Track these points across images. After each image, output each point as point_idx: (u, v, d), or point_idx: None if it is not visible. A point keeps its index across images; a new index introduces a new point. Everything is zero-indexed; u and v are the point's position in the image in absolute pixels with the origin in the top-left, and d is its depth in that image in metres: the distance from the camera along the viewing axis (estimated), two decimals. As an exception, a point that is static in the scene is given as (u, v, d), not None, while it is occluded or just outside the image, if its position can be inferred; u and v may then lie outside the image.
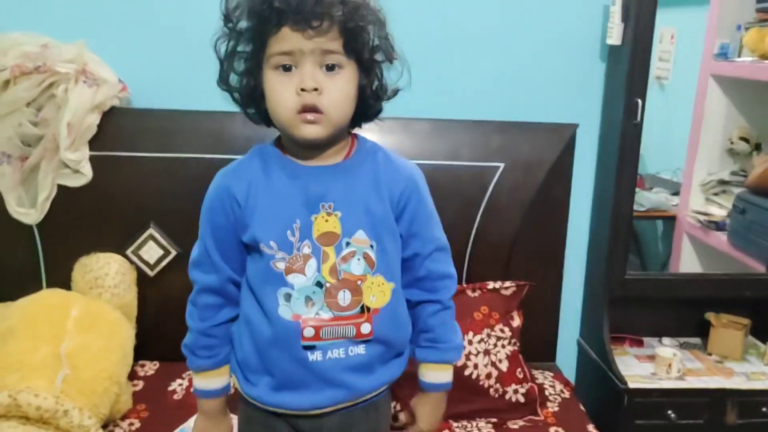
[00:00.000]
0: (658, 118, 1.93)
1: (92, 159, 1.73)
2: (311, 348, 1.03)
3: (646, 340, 2.05)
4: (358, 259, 1.03)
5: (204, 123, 1.77)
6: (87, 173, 1.73)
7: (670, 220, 2.22)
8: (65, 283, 1.72)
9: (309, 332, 1.02)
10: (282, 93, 0.97)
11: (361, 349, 1.05)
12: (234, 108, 1.69)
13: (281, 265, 1.02)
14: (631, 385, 1.77)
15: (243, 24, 0.98)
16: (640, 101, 1.75)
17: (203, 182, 1.09)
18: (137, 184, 1.77)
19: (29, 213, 1.73)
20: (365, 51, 0.99)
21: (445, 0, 1.82)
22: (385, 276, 1.05)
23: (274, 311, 1.02)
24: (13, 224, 1.73)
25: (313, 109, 0.96)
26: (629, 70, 1.75)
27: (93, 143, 1.73)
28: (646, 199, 2.20)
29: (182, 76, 1.80)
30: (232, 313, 1.11)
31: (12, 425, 1.23)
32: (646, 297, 1.97)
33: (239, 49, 1.00)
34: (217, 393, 1.14)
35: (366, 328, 1.04)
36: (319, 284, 1.02)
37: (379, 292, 1.05)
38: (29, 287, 1.70)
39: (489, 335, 1.69)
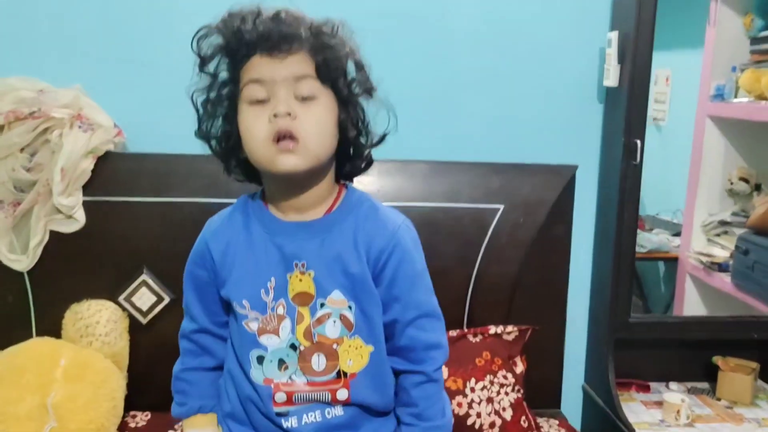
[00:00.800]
0: (656, 159, 1.92)
1: (85, 204, 1.70)
2: (285, 414, 0.99)
3: (653, 384, 1.99)
4: (334, 321, 0.98)
5: (199, 166, 1.75)
6: (80, 219, 1.70)
7: (672, 262, 2.20)
8: (56, 330, 1.68)
9: (281, 397, 0.98)
10: (255, 124, 0.93)
11: (338, 411, 1.00)
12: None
13: (254, 326, 0.99)
14: (640, 433, 1.72)
15: (214, 67, 0.97)
16: (639, 142, 1.75)
17: (198, 226, 1.09)
18: (131, 229, 1.74)
19: (20, 259, 1.69)
20: (340, 79, 0.96)
21: (442, 41, 1.82)
22: (364, 338, 1.00)
23: (248, 373, 0.99)
24: (3, 270, 1.69)
25: (287, 134, 0.91)
26: (627, 110, 1.75)
27: (87, 188, 1.70)
28: (647, 240, 2.18)
29: (177, 119, 1.75)
30: (208, 363, 1.09)
31: (-7, 482, 1.18)
32: (651, 340, 1.92)
33: (213, 95, 0.98)
34: None
35: (342, 394, 0.99)
36: (293, 347, 0.98)
37: (357, 356, 1.00)
38: (19, 334, 1.67)
39: (492, 382, 1.64)
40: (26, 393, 1.39)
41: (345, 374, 0.99)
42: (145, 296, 1.75)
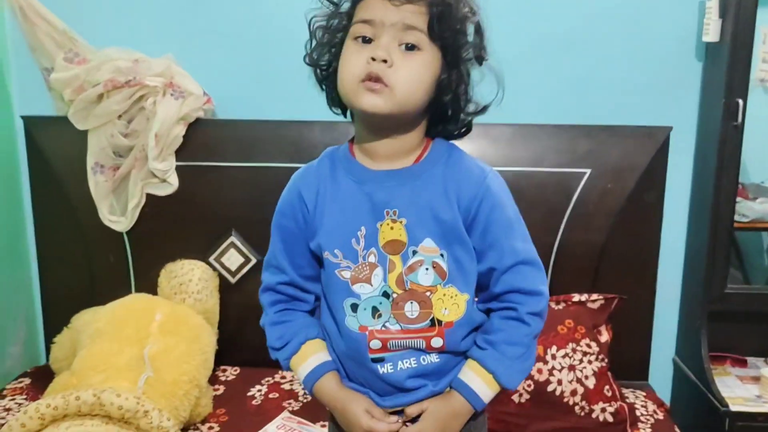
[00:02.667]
0: (762, 123, 1.78)
1: (178, 169, 1.79)
2: (380, 360, 0.98)
3: (750, 359, 1.89)
4: (426, 269, 0.96)
5: (283, 132, 1.79)
6: (173, 182, 1.79)
7: (777, 232, 2.05)
8: (153, 288, 1.79)
9: (376, 344, 0.97)
10: (352, 60, 0.92)
11: (434, 358, 0.99)
12: (312, 117, 1.73)
13: (347, 274, 0.98)
14: (733, 407, 1.63)
15: None
16: (741, 101, 1.63)
17: (281, 190, 1.08)
18: (220, 193, 1.81)
19: (120, 221, 1.80)
20: (451, 38, 0.93)
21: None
22: (459, 287, 0.97)
23: (342, 322, 0.99)
24: (104, 231, 1.81)
25: (376, 79, 0.89)
26: (729, 68, 1.63)
27: (179, 153, 1.78)
28: (749, 209, 2.04)
29: (263, 87, 1.84)
30: (301, 306, 1.06)
31: (96, 423, 1.27)
32: (749, 313, 1.82)
33: (328, 24, 0.98)
34: (319, 371, 1.03)
35: (437, 342, 0.97)
36: (386, 294, 0.97)
37: (452, 305, 0.97)
38: (120, 291, 1.78)
39: (574, 350, 1.61)
40: (125, 345, 1.49)
41: (440, 322, 0.97)
42: (233, 257, 1.83)
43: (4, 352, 1.86)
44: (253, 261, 1.82)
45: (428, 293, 0.97)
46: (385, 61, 0.89)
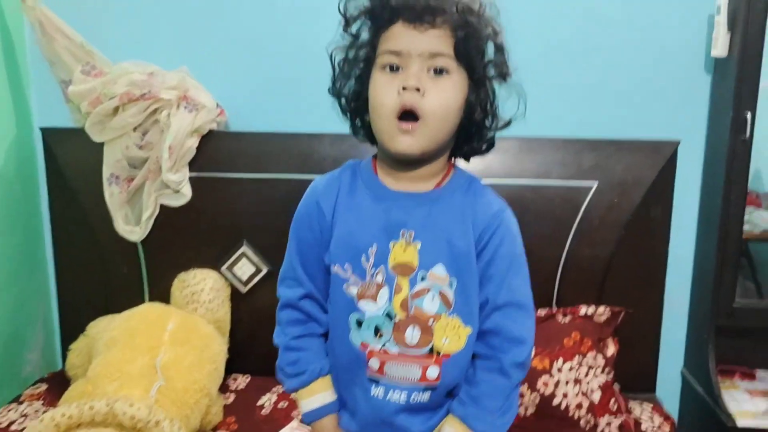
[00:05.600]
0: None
1: (191, 180, 1.82)
2: (375, 381, 0.99)
3: (759, 373, 1.88)
4: (433, 297, 0.96)
5: (293, 144, 1.82)
6: (186, 193, 1.82)
7: (790, 243, 2.04)
8: (166, 296, 1.82)
9: (374, 363, 0.98)
10: (383, 91, 0.93)
11: (424, 396, 0.99)
12: (322, 129, 1.76)
13: (353, 290, 0.98)
14: (741, 422, 1.63)
15: (356, 28, 0.99)
16: (749, 114, 1.63)
17: (291, 202, 1.09)
18: (231, 204, 1.84)
19: (134, 231, 1.84)
20: (476, 59, 0.95)
21: (536, 9, 1.77)
22: (463, 318, 0.98)
23: (346, 336, 1.00)
24: (119, 241, 1.85)
25: (411, 111, 0.91)
26: (737, 81, 1.63)
27: (192, 165, 1.82)
28: (762, 219, 2.03)
29: (275, 100, 1.88)
30: (317, 330, 1.06)
31: (108, 432, 1.31)
32: (758, 326, 1.81)
33: (351, 55, 1.00)
34: (322, 412, 1.05)
35: (433, 372, 0.98)
36: (389, 316, 0.97)
37: (454, 335, 0.97)
38: (133, 299, 1.82)
39: (580, 363, 1.62)
40: (138, 354, 1.52)
41: (438, 352, 0.97)
42: (245, 267, 1.86)
43: (22, 359, 1.91)
44: (264, 271, 1.85)
45: (431, 321, 0.97)
46: (417, 89, 0.91)
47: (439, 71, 0.93)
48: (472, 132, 1.01)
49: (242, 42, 1.87)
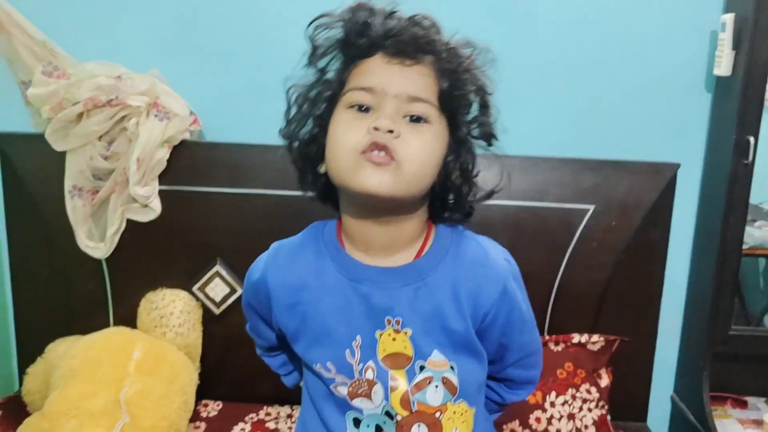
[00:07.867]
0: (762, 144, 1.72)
1: (161, 193, 1.70)
2: None
3: (750, 400, 1.83)
4: (436, 386, 0.84)
5: (273, 157, 1.68)
6: (156, 208, 1.69)
7: (775, 259, 1.99)
8: (132, 316, 1.70)
9: None
10: (347, 130, 0.78)
11: None
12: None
13: (343, 390, 0.85)
14: (735, 457, 1.58)
15: (325, 62, 0.84)
16: (752, 139, 1.57)
17: (270, 219, 0.99)
18: (205, 220, 1.72)
19: (98, 247, 1.71)
20: (460, 112, 0.82)
21: (533, 26, 1.68)
22: (469, 401, 0.88)
23: None
24: (83, 258, 1.72)
25: (383, 149, 0.75)
26: (740, 103, 1.57)
27: (162, 177, 1.69)
28: (747, 235, 1.98)
29: (253, 108, 1.75)
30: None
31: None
32: (751, 354, 1.76)
33: (312, 94, 0.84)
34: None
35: None
36: (389, 415, 0.84)
37: (462, 422, 0.87)
38: (97, 319, 1.70)
39: (574, 396, 1.54)
40: (100, 387, 1.40)
41: None
42: (218, 287, 1.74)
43: (-27, 382, 1.77)
44: (239, 292, 1.73)
45: (438, 414, 0.85)
46: (390, 131, 0.76)
47: (417, 119, 0.79)
48: (448, 196, 0.87)
49: (219, 44, 1.74)
